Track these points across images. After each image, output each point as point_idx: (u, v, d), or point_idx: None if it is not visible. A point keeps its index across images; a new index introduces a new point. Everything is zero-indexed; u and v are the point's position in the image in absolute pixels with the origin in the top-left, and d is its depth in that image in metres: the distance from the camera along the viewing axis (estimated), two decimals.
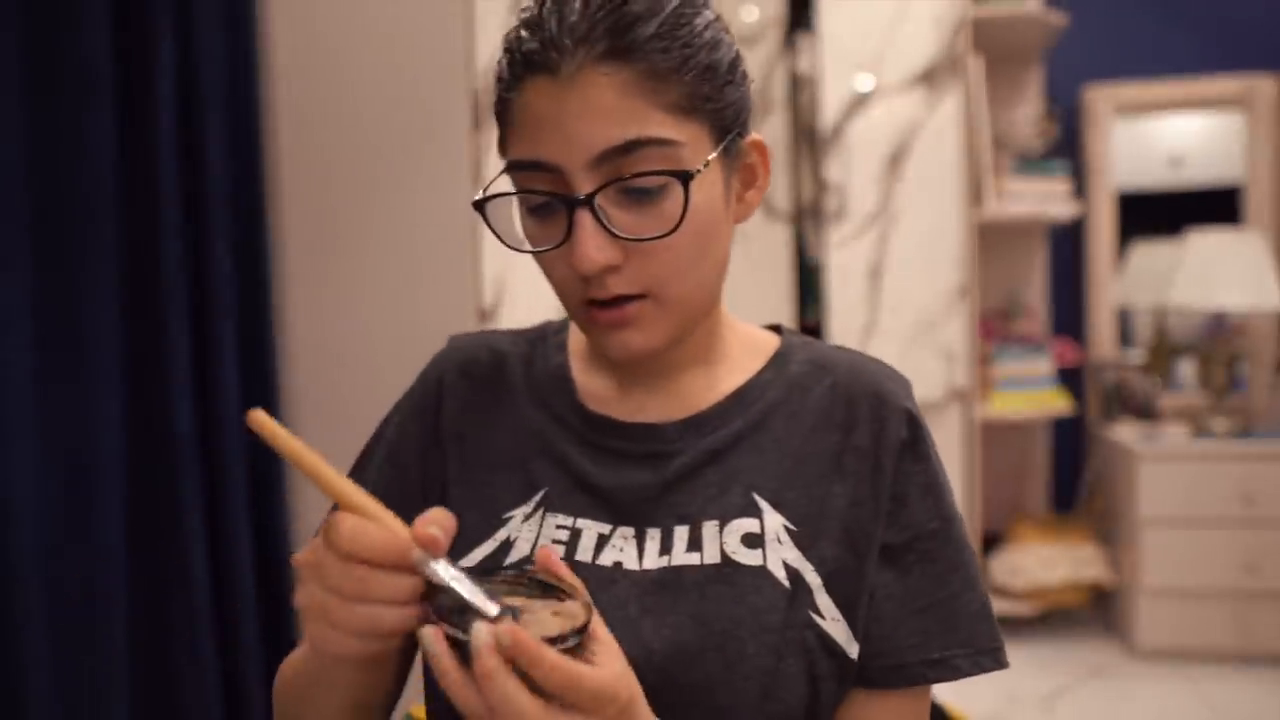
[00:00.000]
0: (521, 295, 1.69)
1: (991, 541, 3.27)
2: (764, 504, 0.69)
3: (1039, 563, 3.05)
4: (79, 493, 1.38)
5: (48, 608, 1.32)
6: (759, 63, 2.80)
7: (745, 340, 0.77)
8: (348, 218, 1.71)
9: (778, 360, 0.75)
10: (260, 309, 1.71)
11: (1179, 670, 2.82)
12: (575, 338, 0.79)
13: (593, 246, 0.62)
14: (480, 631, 0.49)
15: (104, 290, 1.40)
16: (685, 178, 0.63)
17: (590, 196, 0.62)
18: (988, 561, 3.19)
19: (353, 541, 0.51)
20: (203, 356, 1.59)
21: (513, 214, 0.69)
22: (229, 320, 1.62)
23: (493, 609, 0.52)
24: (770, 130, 2.83)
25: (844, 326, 2.80)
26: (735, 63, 0.67)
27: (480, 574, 0.56)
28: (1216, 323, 3.24)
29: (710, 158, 0.65)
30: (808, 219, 2.96)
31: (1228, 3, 3.33)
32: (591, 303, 0.66)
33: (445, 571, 0.52)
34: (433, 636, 0.51)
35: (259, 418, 0.53)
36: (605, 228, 0.62)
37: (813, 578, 0.67)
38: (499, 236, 0.68)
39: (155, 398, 1.51)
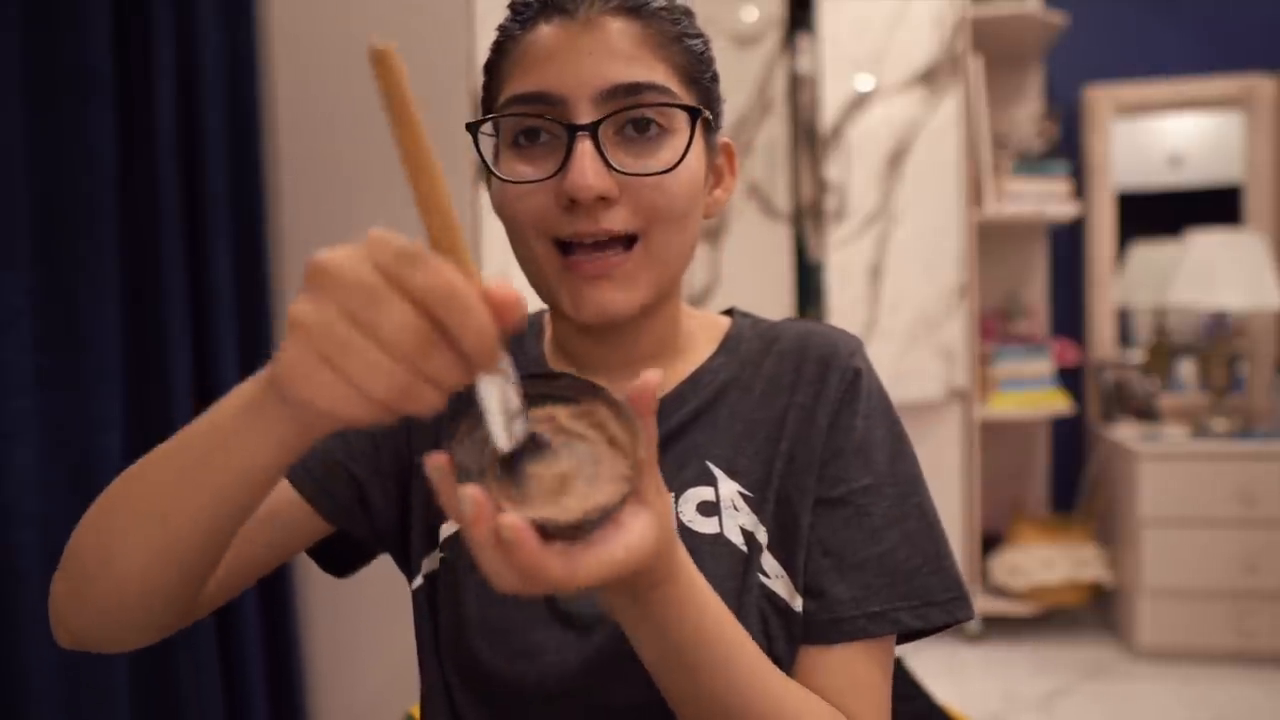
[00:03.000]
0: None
1: (991, 541, 3.27)
2: (718, 472, 0.70)
3: (1039, 563, 3.05)
4: (79, 493, 1.38)
5: (48, 608, 1.32)
6: (759, 63, 2.79)
7: (702, 328, 0.78)
8: (348, 218, 1.71)
9: (729, 342, 0.76)
10: (260, 309, 1.71)
11: (1179, 670, 2.82)
12: (550, 330, 0.79)
13: (591, 172, 0.62)
14: (465, 501, 0.43)
15: (104, 290, 1.40)
16: (695, 112, 0.66)
17: (594, 124, 0.63)
18: (988, 561, 3.19)
19: (444, 294, 0.41)
20: (203, 356, 1.60)
21: (494, 174, 0.68)
22: (229, 320, 1.62)
23: (504, 444, 0.46)
24: (770, 130, 2.83)
25: (844, 326, 2.79)
26: (715, 68, 0.72)
27: (544, 377, 0.51)
28: (1216, 323, 3.24)
29: (705, 117, 0.68)
30: (808, 219, 2.95)
31: (1228, 3, 3.33)
32: (569, 253, 0.65)
33: (489, 383, 0.44)
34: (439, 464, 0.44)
35: (386, 51, 0.40)
36: (604, 159, 0.63)
37: (763, 538, 0.69)
38: (486, 164, 0.69)
39: (155, 398, 1.51)
